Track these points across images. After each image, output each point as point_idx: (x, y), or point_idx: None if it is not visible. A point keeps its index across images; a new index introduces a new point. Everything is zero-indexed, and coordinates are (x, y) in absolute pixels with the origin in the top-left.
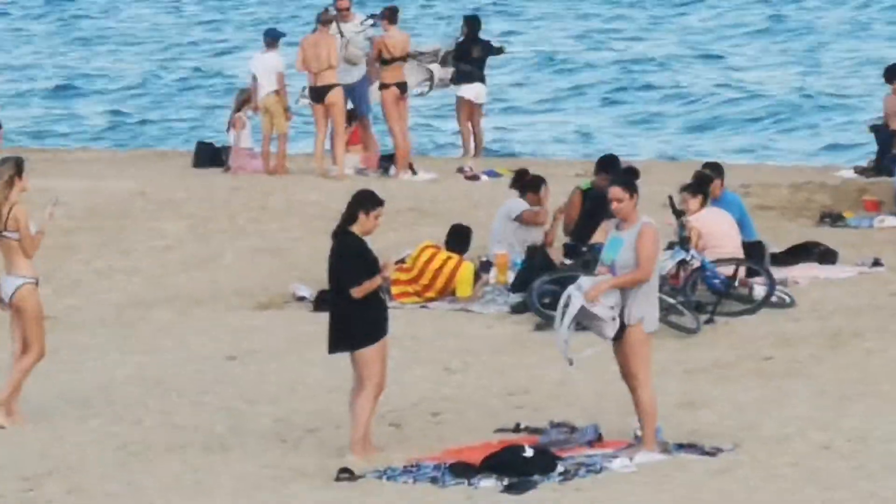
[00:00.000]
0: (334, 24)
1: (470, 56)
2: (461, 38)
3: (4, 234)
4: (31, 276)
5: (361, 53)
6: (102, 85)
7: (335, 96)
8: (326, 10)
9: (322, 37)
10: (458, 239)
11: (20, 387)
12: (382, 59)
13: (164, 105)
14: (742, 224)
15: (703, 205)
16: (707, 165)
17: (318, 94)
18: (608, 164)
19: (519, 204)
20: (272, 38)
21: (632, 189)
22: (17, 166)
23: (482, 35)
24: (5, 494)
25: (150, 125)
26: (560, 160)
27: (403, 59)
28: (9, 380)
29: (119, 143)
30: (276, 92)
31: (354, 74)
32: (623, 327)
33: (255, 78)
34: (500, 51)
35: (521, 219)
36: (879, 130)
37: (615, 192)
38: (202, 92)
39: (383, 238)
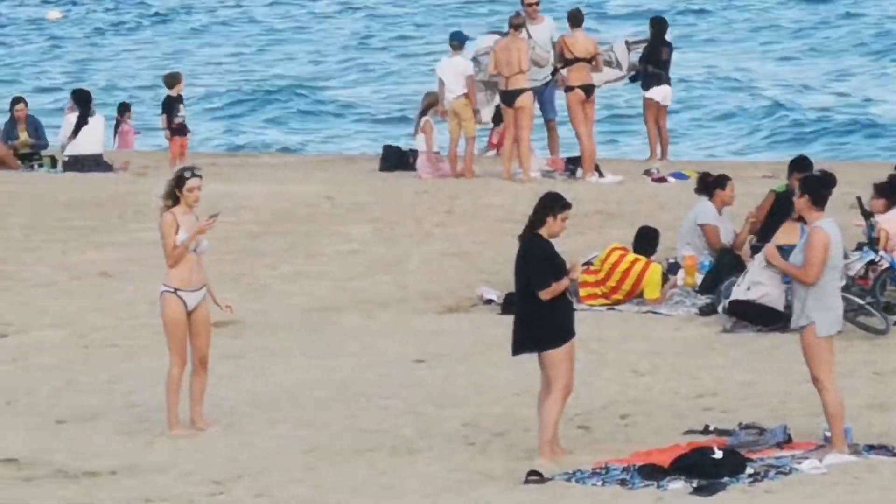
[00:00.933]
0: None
1: (659, 58)
2: (647, 40)
3: None
4: (170, 286)
5: (548, 55)
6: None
7: (524, 100)
8: (518, 13)
9: (513, 41)
10: (646, 241)
11: (198, 397)
12: (565, 60)
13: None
14: None
15: (889, 206)
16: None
17: (508, 98)
18: (799, 165)
19: (708, 209)
20: (458, 42)
21: (805, 187)
22: (179, 179)
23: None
24: (195, 498)
25: None
26: (746, 162)
27: (588, 60)
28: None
29: None
30: (465, 95)
31: (540, 77)
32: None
33: (441, 82)
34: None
35: (703, 228)
36: None
37: (795, 186)
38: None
39: (571, 241)
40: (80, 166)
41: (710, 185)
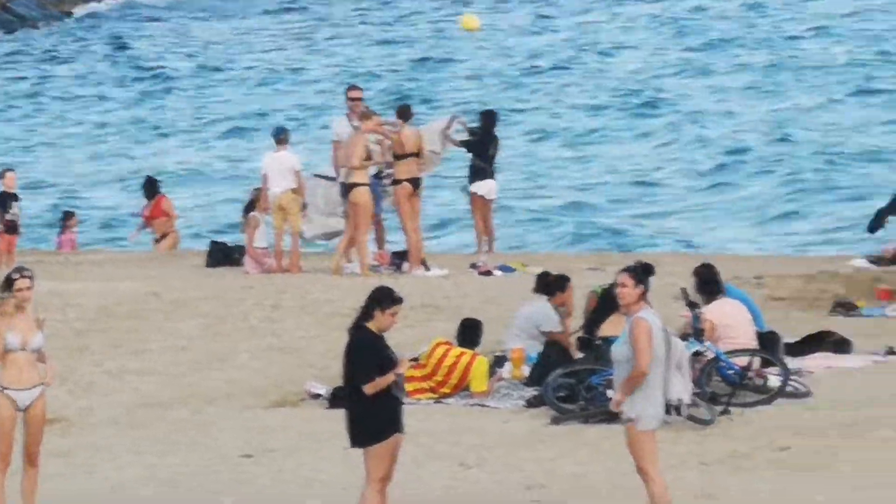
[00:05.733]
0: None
1: (486, 153)
2: (477, 133)
3: None
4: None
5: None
6: None
7: (358, 195)
8: (367, 107)
9: (355, 135)
10: (469, 333)
11: (30, 497)
12: (395, 155)
13: None
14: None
15: (711, 298)
16: (700, 267)
17: (345, 191)
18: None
19: (550, 316)
20: (284, 136)
21: (638, 278)
22: (7, 280)
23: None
24: None
25: None
26: (571, 256)
27: (416, 154)
28: None
29: None
30: (293, 190)
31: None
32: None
33: (265, 177)
34: None
35: (550, 335)
36: None
37: (622, 277)
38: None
39: (399, 334)
40: None
41: (551, 285)
